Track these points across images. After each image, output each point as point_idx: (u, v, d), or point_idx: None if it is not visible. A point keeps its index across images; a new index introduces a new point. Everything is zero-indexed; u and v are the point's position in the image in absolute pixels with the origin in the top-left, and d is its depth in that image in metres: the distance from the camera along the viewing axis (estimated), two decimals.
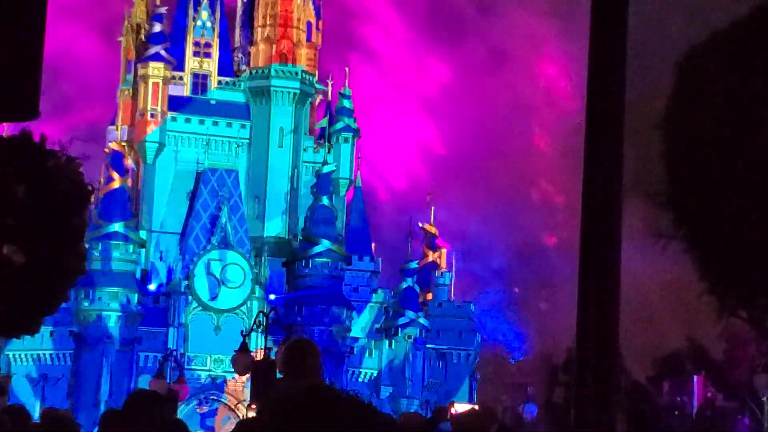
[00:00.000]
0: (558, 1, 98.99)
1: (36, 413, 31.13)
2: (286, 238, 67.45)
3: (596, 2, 5.42)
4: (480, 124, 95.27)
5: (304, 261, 63.85)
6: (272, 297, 61.85)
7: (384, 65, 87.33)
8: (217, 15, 70.54)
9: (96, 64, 77.80)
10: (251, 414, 35.70)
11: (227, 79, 69.78)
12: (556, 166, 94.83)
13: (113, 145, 63.78)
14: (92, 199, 5.62)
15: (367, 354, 65.41)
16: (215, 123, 68.26)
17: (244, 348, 35.64)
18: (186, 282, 61.27)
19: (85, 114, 74.21)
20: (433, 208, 71.78)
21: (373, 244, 72.40)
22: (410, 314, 65.20)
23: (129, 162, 65.88)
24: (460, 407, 11.43)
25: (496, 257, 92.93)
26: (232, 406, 59.06)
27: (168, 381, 49.13)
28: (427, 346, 66.09)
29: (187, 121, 68.23)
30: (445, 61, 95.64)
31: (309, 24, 70.28)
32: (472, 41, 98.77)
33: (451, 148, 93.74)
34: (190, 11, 69.75)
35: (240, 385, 54.84)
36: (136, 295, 61.07)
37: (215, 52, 69.93)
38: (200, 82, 69.27)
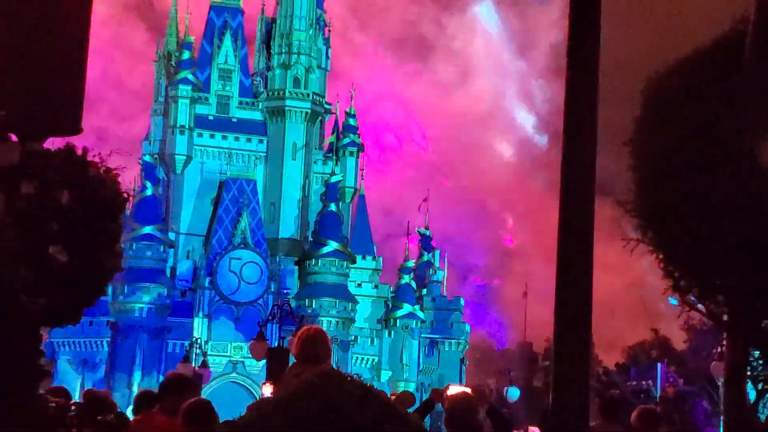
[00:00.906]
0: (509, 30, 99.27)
1: (76, 394, 31.16)
2: (299, 239, 67.43)
3: (572, 36, 5.42)
4: (453, 136, 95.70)
5: (314, 260, 63.85)
6: (286, 291, 61.92)
7: (373, 86, 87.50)
8: (239, 44, 70.66)
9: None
10: (267, 393, 35.68)
11: (247, 99, 69.83)
12: (519, 173, 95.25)
13: (146, 158, 63.83)
14: (127, 205, 5.62)
15: (369, 342, 65.40)
16: (236, 138, 68.35)
17: (260, 336, 35.59)
18: (210, 278, 61.26)
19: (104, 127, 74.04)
20: (427, 214, 71.85)
21: (374, 245, 72.43)
22: (407, 307, 65.21)
23: (161, 172, 65.93)
24: (454, 389, 11.28)
25: (475, 253, 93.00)
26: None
27: (193, 365, 49.09)
28: (422, 335, 66.08)
29: (212, 136, 68.30)
30: (420, 81, 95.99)
31: (319, 52, 70.40)
32: (440, 63, 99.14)
33: (433, 157, 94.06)
34: (215, 41, 69.90)
35: (257, 369, 54.85)
36: (166, 290, 61.07)
37: (237, 76, 70.01)
38: (223, 102, 69.31)
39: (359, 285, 67.76)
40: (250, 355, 42.04)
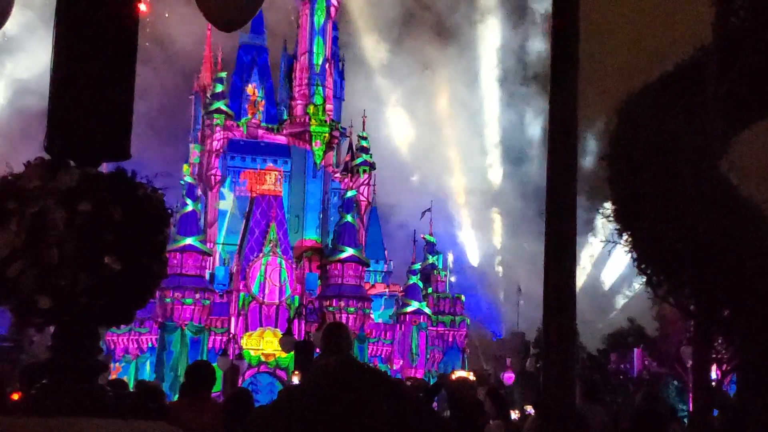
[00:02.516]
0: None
1: (130, 385, 31.19)
2: (320, 246, 67.48)
3: (554, 70, 5.43)
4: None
5: (333, 264, 63.86)
6: (310, 292, 61.96)
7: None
8: (264, 77, 70.97)
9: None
10: (295, 380, 35.71)
11: (273, 126, 69.96)
12: None
13: (187, 178, 63.96)
14: (171, 220, 5.66)
15: (383, 335, 65.34)
16: (264, 160, 68.44)
17: (289, 332, 35.59)
18: (243, 282, 61.29)
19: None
20: (431, 222, 71.91)
21: (386, 251, 72.44)
22: (416, 304, 65.16)
23: (199, 191, 66.05)
24: (458, 374, 11.29)
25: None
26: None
27: (231, 358, 49.13)
28: (429, 328, 66.02)
29: (243, 158, 68.44)
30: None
31: (335, 83, 70.61)
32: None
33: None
34: (244, 76, 70.23)
35: (286, 360, 54.91)
36: (205, 293, 61.10)
37: (263, 105, 70.20)
38: (252, 128, 69.45)
39: (374, 286, 67.85)
40: (281, 348, 42.13)
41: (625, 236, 7.76)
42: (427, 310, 65.74)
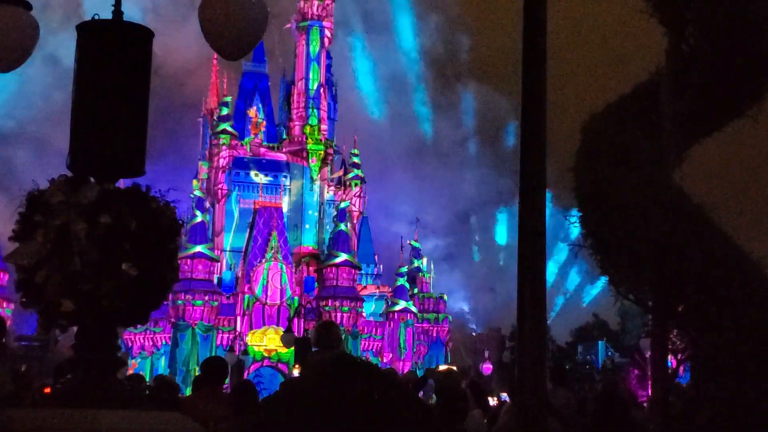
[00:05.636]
0: None
1: (147, 379, 31.02)
2: (317, 252, 67.48)
3: (525, 89, 5.43)
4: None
5: (329, 268, 63.83)
6: (308, 294, 61.92)
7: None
8: (265, 101, 71.11)
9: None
10: (296, 373, 35.68)
11: (273, 144, 70.01)
12: None
13: (197, 192, 63.94)
14: (182, 230, 5.65)
15: (374, 331, 65.27)
16: (266, 175, 68.49)
17: (289, 330, 35.56)
18: (248, 285, 61.20)
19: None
20: (417, 230, 71.92)
21: (376, 256, 72.48)
22: (403, 303, 65.10)
23: (207, 203, 65.98)
24: (443, 367, 11.34)
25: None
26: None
27: (237, 354, 49.01)
28: (415, 325, 65.97)
29: (246, 174, 68.45)
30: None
31: (329, 105, 70.76)
32: None
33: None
34: (247, 100, 70.38)
35: (287, 355, 54.78)
36: (214, 295, 60.99)
37: (264, 126, 70.28)
38: (255, 147, 69.46)
39: (365, 287, 67.82)
40: (282, 345, 42.02)
41: (589, 240, 7.76)
42: (413, 309, 65.68)
